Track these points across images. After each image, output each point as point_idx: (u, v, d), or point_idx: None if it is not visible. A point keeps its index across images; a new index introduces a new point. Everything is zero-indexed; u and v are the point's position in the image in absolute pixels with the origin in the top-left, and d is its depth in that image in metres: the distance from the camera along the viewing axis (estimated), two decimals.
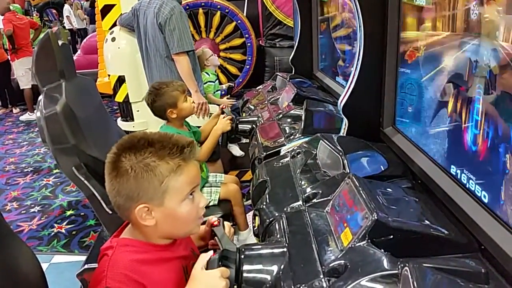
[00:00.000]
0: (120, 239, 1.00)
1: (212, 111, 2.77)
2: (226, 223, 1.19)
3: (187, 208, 0.97)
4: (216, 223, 1.14)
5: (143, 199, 0.92)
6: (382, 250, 1.07)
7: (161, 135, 0.97)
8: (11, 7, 6.23)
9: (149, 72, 2.99)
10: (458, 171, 1.30)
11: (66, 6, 11.47)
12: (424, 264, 0.98)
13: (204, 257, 1.00)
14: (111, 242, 0.98)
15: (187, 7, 5.07)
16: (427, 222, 1.17)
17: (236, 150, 3.69)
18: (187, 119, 2.24)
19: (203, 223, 1.19)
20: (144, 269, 0.94)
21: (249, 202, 2.11)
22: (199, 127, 2.41)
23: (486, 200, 1.15)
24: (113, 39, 3.24)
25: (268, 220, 1.41)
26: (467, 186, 1.24)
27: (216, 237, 1.11)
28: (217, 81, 3.73)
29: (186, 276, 1.02)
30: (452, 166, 1.33)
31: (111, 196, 0.96)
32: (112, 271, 0.91)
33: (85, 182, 1.73)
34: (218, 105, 2.76)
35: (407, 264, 0.96)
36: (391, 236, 1.09)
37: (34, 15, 10.92)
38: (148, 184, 0.91)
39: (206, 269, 0.98)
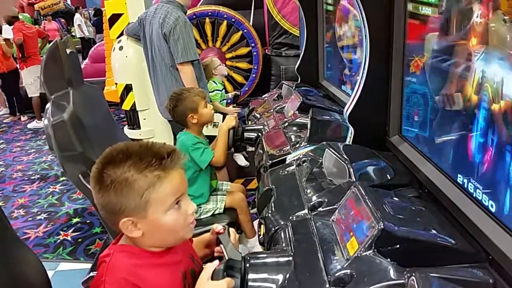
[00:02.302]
0: (117, 246, 1.00)
1: (217, 120, 2.79)
2: (231, 230, 1.19)
3: (173, 217, 0.95)
4: (221, 231, 1.14)
5: (125, 213, 0.92)
6: (389, 260, 1.06)
7: (141, 146, 0.95)
8: (20, 17, 6.33)
9: (155, 81, 3.01)
10: (465, 180, 1.29)
11: (77, 15, 11.67)
12: (431, 274, 0.97)
13: (209, 268, 1.00)
14: (109, 250, 0.99)
15: (194, 16, 5.12)
16: (433, 231, 1.16)
17: (241, 160, 3.70)
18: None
19: (208, 230, 1.19)
20: (141, 273, 0.94)
21: (255, 210, 2.11)
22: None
23: (493, 210, 1.14)
24: (121, 48, 3.28)
25: (273, 229, 1.41)
26: (474, 195, 1.23)
27: (221, 245, 1.11)
28: (223, 89, 3.76)
29: (185, 282, 1.02)
30: (459, 175, 1.32)
31: (98, 209, 0.96)
32: (110, 276, 0.91)
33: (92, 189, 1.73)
34: (223, 113, 2.77)
35: (413, 274, 0.95)
36: (398, 246, 1.08)
37: (43, 24, 11.06)
38: (128, 198, 0.91)
39: (212, 279, 0.98)
